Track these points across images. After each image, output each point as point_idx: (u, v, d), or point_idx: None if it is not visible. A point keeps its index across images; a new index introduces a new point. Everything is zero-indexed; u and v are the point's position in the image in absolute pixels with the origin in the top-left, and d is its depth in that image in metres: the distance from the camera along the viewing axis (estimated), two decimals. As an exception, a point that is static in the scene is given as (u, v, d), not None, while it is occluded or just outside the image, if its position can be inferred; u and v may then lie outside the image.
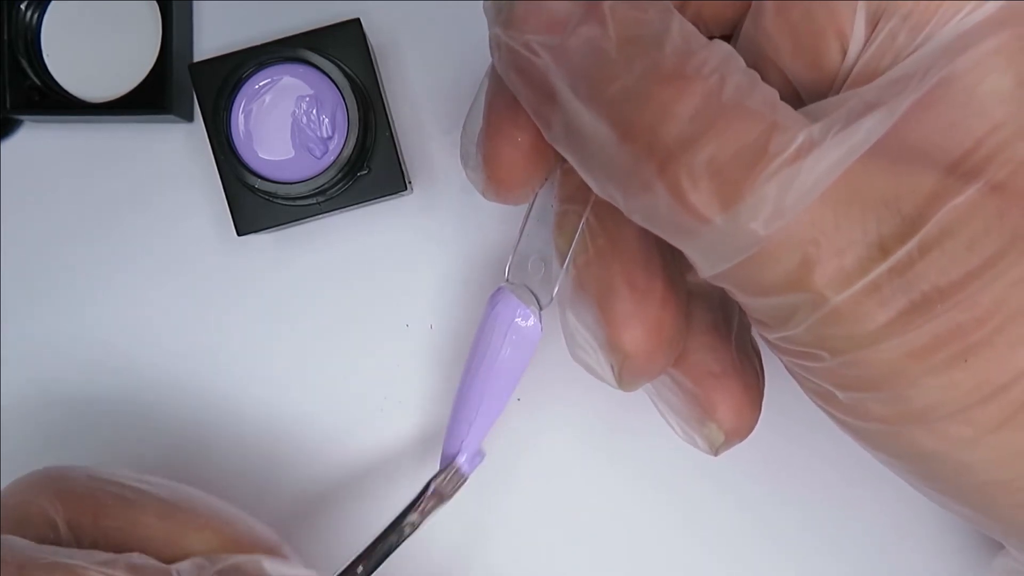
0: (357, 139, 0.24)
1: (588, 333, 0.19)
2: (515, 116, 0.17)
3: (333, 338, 0.28)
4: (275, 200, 0.25)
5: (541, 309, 0.21)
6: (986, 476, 0.15)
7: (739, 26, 0.16)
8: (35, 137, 0.28)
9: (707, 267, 0.16)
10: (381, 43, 0.28)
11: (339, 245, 0.28)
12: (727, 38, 0.16)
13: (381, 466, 0.28)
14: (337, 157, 0.24)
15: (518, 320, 0.21)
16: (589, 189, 0.17)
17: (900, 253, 0.14)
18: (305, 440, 0.28)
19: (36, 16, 0.27)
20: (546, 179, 0.19)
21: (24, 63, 0.26)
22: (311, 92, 0.25)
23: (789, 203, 0.14)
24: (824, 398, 0.17)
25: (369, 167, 0.26)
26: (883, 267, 0.14)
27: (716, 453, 0.20)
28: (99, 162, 0.28)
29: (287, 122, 0.25)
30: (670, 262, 0.19)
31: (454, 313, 0.28)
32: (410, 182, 0.26)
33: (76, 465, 0.21)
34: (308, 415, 0.28)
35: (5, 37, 0.26)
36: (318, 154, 0.25)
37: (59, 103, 0.27)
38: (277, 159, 0.25)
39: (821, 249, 0.14)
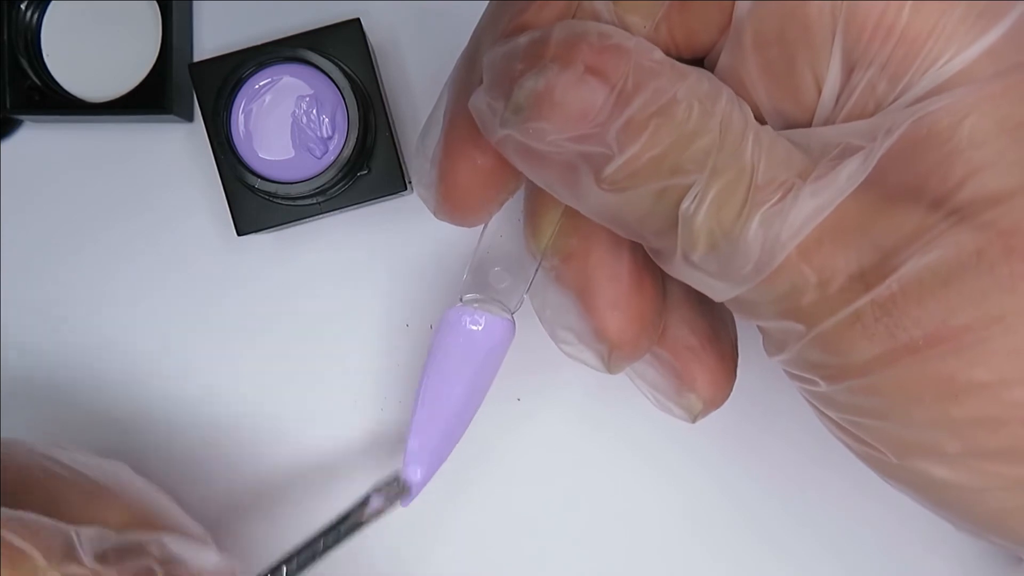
0: (357, 139, 0.24)
1: (571, 326, 0.19)
2: (476, 136, 0.17)
3: (333, 338, 0.28)
4: (275, 200, 0.25)
5: (512, 314, 0.21)
6: (997, 504, 0.15)
7: (714, 50, 0.16)
8: (35, 137, 0.28)
9: (717, 297, 0.16)
10: (381, 43, 0.28)
11: (339, 245, 0.28)
12: (699, 61, 0.16)
13: (381, 466, 0.28)
14: (337, 157, 0.24)
15: (470, 326, 0.21)
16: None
17: (881, 288, 0.14)
18: (305, 440, 0.28)
19: (36, 16, 0.27)
20: (502, 204, 0.19)
21: (24, 63, 0.26)
22: (311, 92, 0.25)
23: (777, 246, 0.14)
24: (834, 425, 0.17)
25: (369, 167, 0.26)
26: (865, 299, 0.14)
27: (694, 421, 0.21)
28: (99, 162, 0.28)
29: (287, 122, 0.25)
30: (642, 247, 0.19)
31: (454, 313, 0.28)
32: (410, 182, 0.26)
33: (24, 440, 0.22)
34: (308, 415, 0.28)
35: (5, 37, 0.26)
36: (318, 154, 0.25)
37: (59, 103, 0.27)
38: (277, 159, 0.25)
39: (807, 279, 0.15)
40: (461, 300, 0.21)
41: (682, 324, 0.20)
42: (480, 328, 0.21)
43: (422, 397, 0.22)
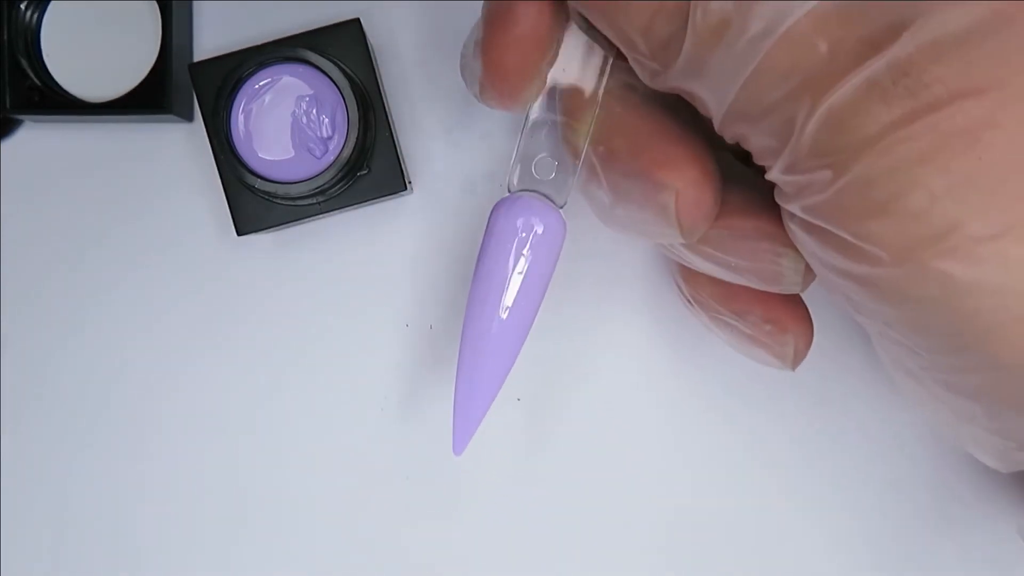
0: (357, 139, 0.24)
1: (631, 196, 0.19)
2: (513, 4, 0.18)
3: (333, 338, 0.28)
4: (275, 200, 0.25)
5: (561, 208, 0.20)
6: (1015, 311, 0.14)
7: None
8: (35, 137, 0.28)
9: (719, 106, 0.16)
10: (381, 43, 0.28)
11: (339, 245, 0.28)
12: None
13: (381, 466, 0.28)
14: (337, 157, 0.24)
15: (535, 227, 0.20)
16: (600, 73, 0.18)
17: (895, 48, 0.14)
18: (304, 440, 0.28)
19: (36, 16, 0.27)
20: (543, 77, 0.19)
21: (24, 63, 0.26)
22: (311, 92, 0.25)
23: (788, 9, 0.14)
24: (838, 253, 0.16)
25: (369, 167, 0.26)
26: (879, 61, 0.14)
27: (795, 367, 0.23)
28: (99, 162, 0.28)
29: (287, 122, 0.25)
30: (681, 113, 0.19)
31: (454, 313, 0.28)
32: (410, 182, 0.26)
33: None
34: (307, 415, 0.28)
35: (5, 37, 0.26)
36: (318, 154, 0.25)
37: (59, 103, 0.27)
38: (277, 159, 0.25)
39: (815, 52, 0.14)
40: (509, 190, 0.21)
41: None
42: (538, 230, 0.20)
43: (472, 315, 0.20)
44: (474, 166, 0.28)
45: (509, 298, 0.20)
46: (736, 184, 0.19)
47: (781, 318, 0.22)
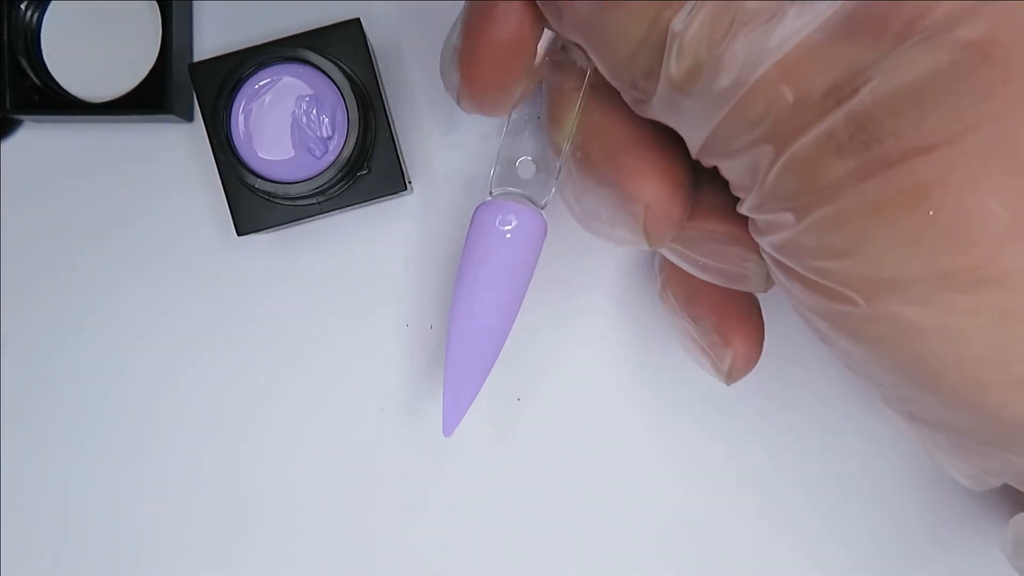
0: (357, 139, 0.24)
1: (603, 203, 0.20)
2: (492, 12, 0.18)
3: (333, 338, 0.28)
4: (275, 200, 0.25)
5: (543, 208, 0.21)
6: (972, 351, 0.15)
7: None
8: (35, 137, 0.28)
9: (694, 141, 0.17)
10: (381, 43, 0.28)
11: (339, 245, 0.28)
12: None
13: (380, 466, 0.28)
14: (337, 157, 0.24)
15: (512, 225, 0.21)
16: (579, 79, 0.19)
17: (854, 101, 0.14)
18: (304, 439, 0.28)
19: (36, 16, 0.27)
20: (521, 87, 0.19)
21: (24, 63, 0.26)
22: (311, 92, 0.25)
23: (759, 59, 0.14)
24: (801, 288, 0.17)
25: (369, 167, 0.26)
26: (839, 113, 0.14)
27: (729, 382, 0.23)
28: (99, 162, 0.28)
29: (287, 122, 0.25)
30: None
31: (454, 313, 0.28)
32: (410, 182, 0.26)
33: None
34: (307, 415, 0.28)
35: (5, 37, 0.26)
36: (318, 154, 0.25)
37: (59, 103, 0.27)
38: (277, 159, 0.25)
39: (782, 101, 0.15)
40: (491, 194, 0.21)
41: (715, 292, 0.22)
42: (512, 225, 0.21)
43: (456, 309, 0.22)
44: (474, 166, 0.28)
45: (490, 295, 0.21)
46: (710, 186, 0.20)
47: (729, 333, 0.23)
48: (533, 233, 0.21)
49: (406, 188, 0.26)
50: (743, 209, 0.17)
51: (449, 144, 0.28)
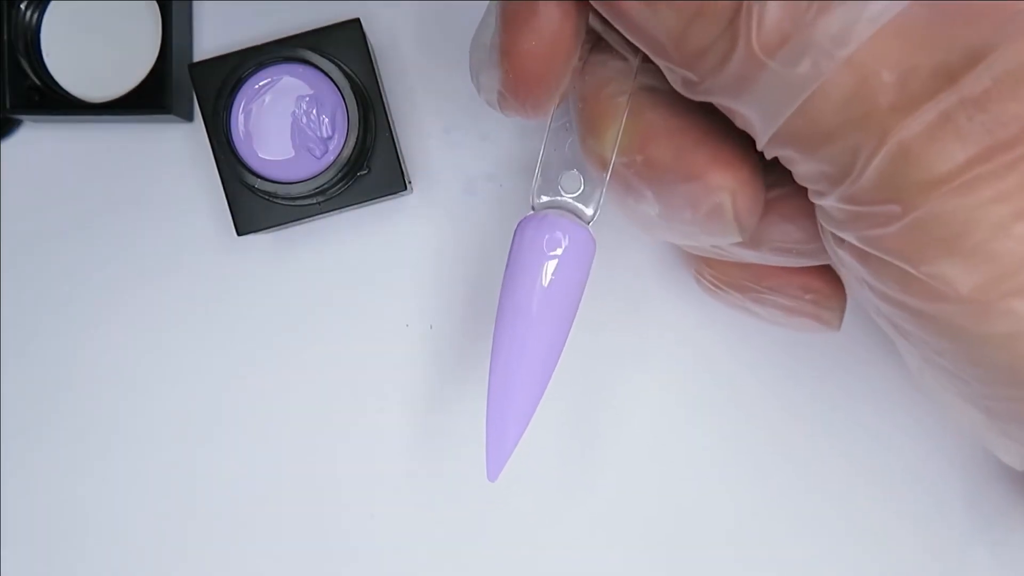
0: (357, 139, 0.24)
1: (682, 202, 0.18)
2: (533, 6, 0.16)
3: (333, 338, 0.28)
4: (275, 200, 0.25)
5: (589, 223, 0.19)
6: None
7: None
8: (35, 137, 0.28)
9: (767, 126, 0.15)
10: (381, 43, 0.28)
11: (339, 245, 0.28)
12: None
13: (381, 466, 0.28)
14: (337, 157, 0.24)
15: (562, 245, 0.19)
16: (620, 83, 0.17)
17: (970, 79, 0.13)
18: (304, 439, 0.28)
19: (36, 16, 0.27)
20: (565, 84, 0.18)
21: (24, 63, 0.26)
22: (311, 92, 0.25)
23: (852, 32, 0.13)
24: (897, 285, 0.15)
25: (369, 167, 0.26)
26: (953, 95, 0.13)
27: (840, 327, 0.23)
28: (99, 162, 0.28)
29: (287, 122, 0.25)
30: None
31: (454, 313, 0.28)
32: (410, 182, 0.26)
33: None
34: (307, 415, 0.28)
35: (5, 37, 0.26)
36: (318, 154, 0.25)
37: (59, 103, 0.27)
38: (277, 159, 0.25)
39: (883, 76, 0.13)
40: (533, 208, 0.20)
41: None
42: (563, 247, 0.19)
43: (499, 342, 0.19)
44: (474, 166, 0.28)
45: (539, 320, 0.19)
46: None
47: (819, 286, 0.22)
48: (584, 254, 0.19)
49: (406, 188, 0.26)
50: (825, 201, 0.16)
51: (449, 144, 0.28)
